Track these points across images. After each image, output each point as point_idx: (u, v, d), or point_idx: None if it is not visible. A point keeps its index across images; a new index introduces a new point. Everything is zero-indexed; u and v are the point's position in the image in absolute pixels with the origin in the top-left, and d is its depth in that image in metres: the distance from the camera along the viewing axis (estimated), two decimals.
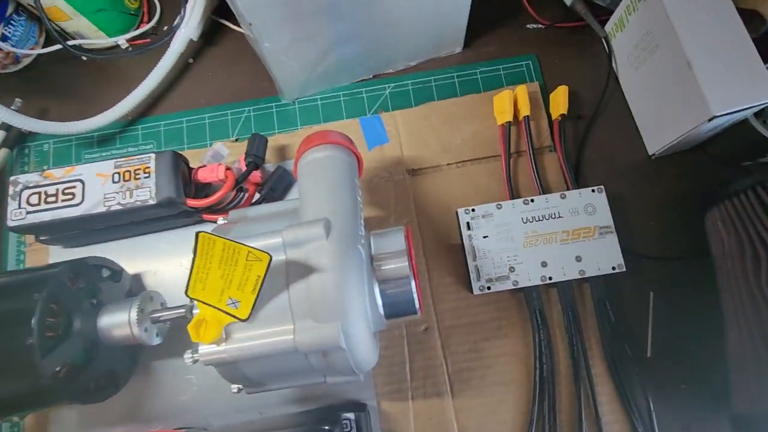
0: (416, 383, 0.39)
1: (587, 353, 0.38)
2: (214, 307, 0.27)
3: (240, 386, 0.31)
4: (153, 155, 0.36)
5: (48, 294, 0.30)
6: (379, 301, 0.30)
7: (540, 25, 0.47)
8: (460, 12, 0.41)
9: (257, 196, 0.41)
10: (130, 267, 0.40)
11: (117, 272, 0.38)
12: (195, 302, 0.27)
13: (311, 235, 0.27)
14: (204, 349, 0.27)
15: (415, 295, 0.30)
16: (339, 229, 0.28)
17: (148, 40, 0.49)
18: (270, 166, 0.43)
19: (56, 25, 0.45)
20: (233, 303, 0.27)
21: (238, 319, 0.27)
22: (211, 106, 0.47)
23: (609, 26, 0.45)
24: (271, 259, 0.24)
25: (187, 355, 0.28)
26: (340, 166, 0.32)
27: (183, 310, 0.34)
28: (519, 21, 0.48)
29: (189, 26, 0.44)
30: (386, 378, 0.39)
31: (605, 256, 0.39)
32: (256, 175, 0.40)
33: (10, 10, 0.44)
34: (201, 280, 0.26)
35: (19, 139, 0.46)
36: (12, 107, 0.44)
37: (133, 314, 0.33)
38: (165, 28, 0.50)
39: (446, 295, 0.41)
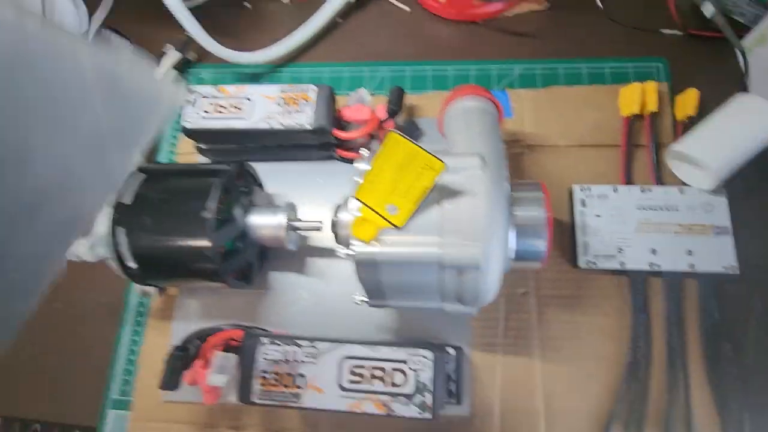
0: (508, 341, 0.41)
1: (685, 346, 0.39)
2: (375, 212, 0.30)
3: (364, 297, 0.35)
4: (315, 87, 0.41)
5: (222, 181, 0.35)
6: (513, 244, 0.32)
7: (676, 31, 0.49)
8: None
9: None
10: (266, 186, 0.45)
11: (261, 184, 0.43)
12: (354, 205, 0.31)
13: (468, 163, 0.30)
14: (358, 246, 0.31)
15: (547, 244, 0.32)
16: (490, 164, 0.31)
17: None
18: (400, 121, 0.47)
19: None
20: (393, 209, 0.30)
21: (394, 226, 0.30)
22: (351, 62, 0.51)
23: (748, 40, 0.46)
24: (444, 169, 0.28)
25: (341, 250, 0.32)
26: (489, 115, 0.35)
27: (319, 223, 0.38)
28: (654, 23, 0.49)
29: None
30: (481, 330, 0.41)
31: (717, 256, 0.39)
32: (390, 123, 0.44)
33: None
34: (371, 182, 0.29)
35: (183, 65, 0.52)
36: (187, 34, 0.51)
37: (282, 217, 0.37)
38: None
39: (548, 266, 0.43)
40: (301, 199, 0.46)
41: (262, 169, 0.46)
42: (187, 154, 0.49)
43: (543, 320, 0.41)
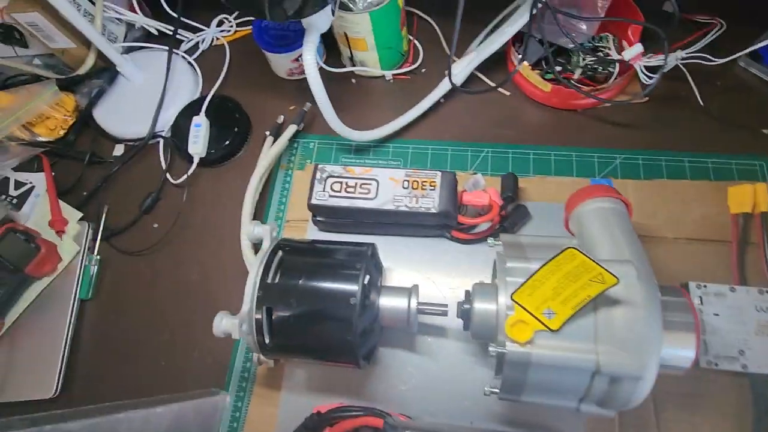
0: None
1: None
2: (531, 314, 0.31)
3: (497, 389, 0.35)
4: (439, 173, 0.43)
5: (365, 265, 0.36)
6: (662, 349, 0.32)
7: None
8: None
9: (497, 226, 0.46)
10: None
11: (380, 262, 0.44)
12: (513, 305, 0.32)
13: (622, 272, 0.31)
14: (512, 346, 0.31)
15: (696, 350, 0.32)
16: (642, 272, 0.32)
17: (408, 77, 0.58)
18: None
19: (350, 52, 0.55)
20: (549, 313, 0.31)
21: (549, 329, 0.31)
22: (454, 140, 0.54)
23: None
24: (615, 284, 0.28)
25: (492, 348, 0.32)
26: (625, 216, 0.37)
27: (446, 308, 0.39)
28: (755, 123, 0.51)
29: (458, 77, 0.53)
30: (595, 423, 0.41)
31: None
32: (503, 209, 0.46)
33: None
34: (532, 287, 0.30)
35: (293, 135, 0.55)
36: (303, 108, 0.54)
37: (414, 301, 0.38)
38: (423, 70, 0.59)
39: None
40: (409, 272, 0.47)
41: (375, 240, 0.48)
42: (299, 220, 0.51)
43: (661, 418, 0.40)
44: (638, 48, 0.45)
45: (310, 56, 0.40)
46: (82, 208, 0.55)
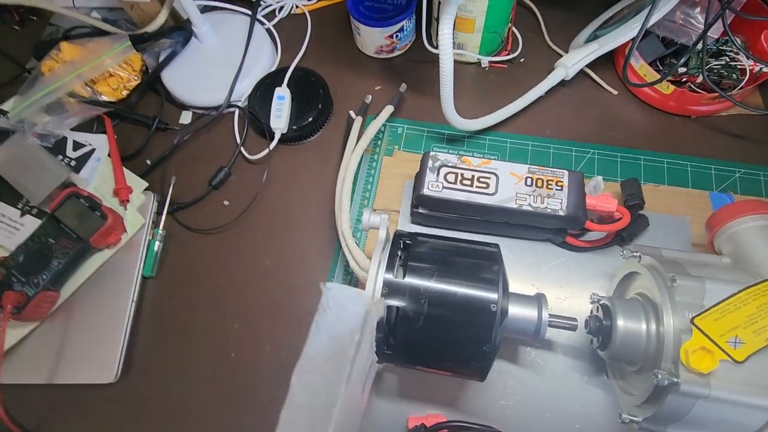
0: None
1: None
2: (713, 341, 0.27)
3: (638, 418, 0.31)
4: (566, 172, 0.39)
5: (500, 267, 0.32)
6: None
7: None
8: None
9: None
10: None
11: None
12: (691, 330, 0.28)
13: None
14: (687, 375, 0.27)
15: None
16: None
17: (505, 66, 0.54)
18: None
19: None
20: (735, 342, 0.27)
21: (733, 359, 0.27)
22: (555, 138, 0.50)
23: None
24: None
25: (662, 375, 0.28)
26: None
27: (575, 322, 0.35)
28: None
29: (571, 69, 0.49)
30: None
31: None
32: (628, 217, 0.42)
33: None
34: (722, 312, 0.27)
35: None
36: (400, 89, 0.50)
37: (545, 312, 0.34)
38: (522, 60, 0.55)
39: None
40: (517, 277, 0.43)
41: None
42: (387, 210, 0.47)
43: None
44: None
45: (447, 30, 0.36)
46: (146, 177, 0.50)
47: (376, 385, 0.40)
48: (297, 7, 0.59)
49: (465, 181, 0.39)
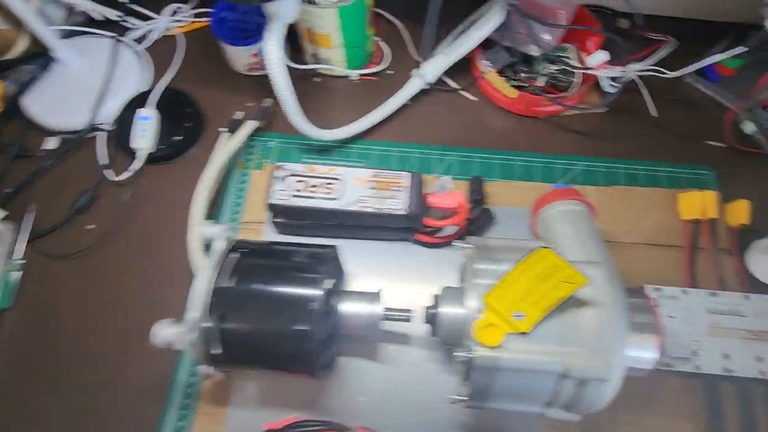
0: None
1: None
2: (501, 316, 0.30)
3: (464, 397, 0.33)
4: (406, 173, 0.42)
5: (329, 269, 0.34)
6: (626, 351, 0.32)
7: (720, 143, 0.53)
8: None
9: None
10: None
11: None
12: (483, 307, 0.30)
13: (591, 273, 0.31)
14: (481, 350, 0.30)
15: (658, 353, 0.32)
16: (609, 273, 0.32)
17: (375, 78, 0.57)
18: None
19: (314, 49, 0.53)
20: (520, 316, 0.30)
21: (519, 331, 0.30)
22: (420, 143, 0.53)
23: None
24: (586, 285, 0.28)
25: (460, 353, 0.31)
26: (590, 219, 0.37)
27: (410, 313, 0.37)
28: (700, 135, 0.54)
29: (428, 77, 0.52)
30: (553, 429, 0.40)
31: None
32: (471, 212, 0.45)
33: None
34: (503, 288, 0.29)
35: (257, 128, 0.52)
36: (263, 104, 0.51)
37: (378, 307, 0.36)
38: (390, 72, 0.58)
39: None
40: (368, 278, 0.45)
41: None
42: (255, 222, 0.48)
43: (614, 419, 0.41)
44: (602, 55, 0.46)
45: (272, 45, 0.38)
46: (7, 206, 0.48)
47: (236, 395, 0.41)
48: (170, 29, 0.60)
49: (311, 189, 0.41)
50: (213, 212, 0.49)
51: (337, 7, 0.46)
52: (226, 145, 0.47)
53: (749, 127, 0.52)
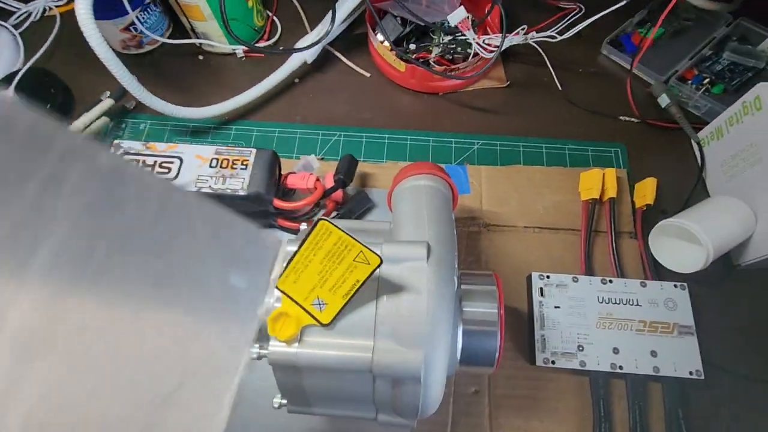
0: None
1: None
2: (299, 305, 0.25)
3: (284, 401, 0.29)
4: (254, 150, 0.37)
5: None
6: (459, 344, 0.28)
7: (633, 119, 0.49)
8: None
9: (333, 214, 0.41)
10: None
11: None
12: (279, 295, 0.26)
13: (411, 254, 0.27)
14: (275, 346, 0.25)
15: (499, 346, 0.28)
16: (438, 255, 0.27)
17: (263, 55, 0.53)
18: (350, 189, 0.44)
19: (190, 23, 0.49)
20: (319, 304, 0.25)
21: (319, 322, 0.25)
22: (305, 123, 0.49)
23: (704, 133, 0.46)
24: (380, 265, 0.24)
25: (254, 348, 0.26)
26: (441, 196, 0.32)
27: None
28: (613, 110, 0.49)
29: (310, 52, 0.48)
30: None
31: (683, 358, 0.36)
32: (338, 193, 0.41)
33: None
34: (296, 272, 0.25)
35: (120, 113, 0.48)
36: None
37: None
38: (281, 48, 0.53)
39: (503, 361, 0.38)
40: None
41: None
42: None
43: (495, 425, 0.36)
44: (462, 12, 0.42)
45: (82, 9, 0.33)
46: None
47: None
48: (50, 8, 0.56)
49: (147, 168, 0.37)
50: None
51: None
52: (74, 123, 0.43)
53: (664, 100, 0.48)
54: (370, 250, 0.24)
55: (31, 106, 0.12)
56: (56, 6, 0.55)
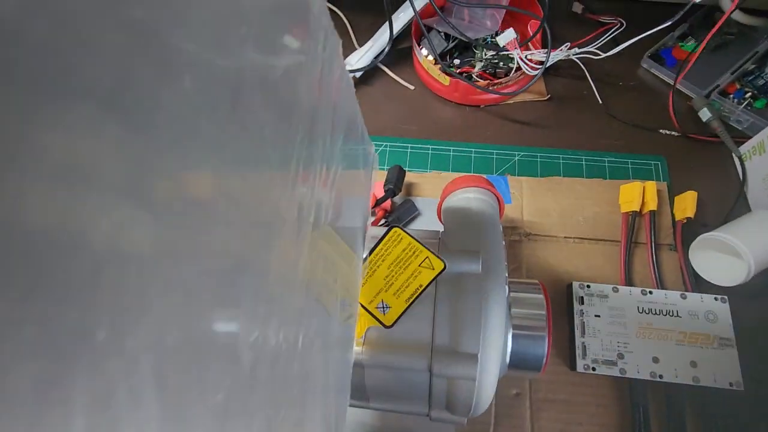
0: None
1: None
2: (365, 309, 0.28)
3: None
4: None
5: None
6: (509, 348, 0.30)
7: (673, 132, 0.50)
8: None
9: (382, 221, 0.44)
10: None
11: None
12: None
13: (466, 261, 0.29)
14: None
15: (546, 352, 0.30)
16: (489, 262, 0.29)
17: None
18: (397, 198, 0.46)
19: None
20: (383, 308, 0.28)
21: (383, 324, 0.28)
22: None
23: (746, 147, 0.46)
24: (443, 269, 0.26)
25: None
26: (489, 208, 0.34)
27: None
28: (653, 124, 0.50)
29: (358, 65, 0.51)
30: None
31: (723, 370, 0.37)
32: (387, 202, 0.43)
33: None
34: (367, 276, 0.28)
35: None
36: None
37: None
38: None
39: None
40: None
41: None
42: None
43: (536, 428, 0.38)
44: (511, 33, 0.44)
45: None
46: None
47: None
48: None
49: None
50: None
51: None
52: None
53: (705, 114, 0.48)
54: (436, 255, 0.26)
55: None
56: None
